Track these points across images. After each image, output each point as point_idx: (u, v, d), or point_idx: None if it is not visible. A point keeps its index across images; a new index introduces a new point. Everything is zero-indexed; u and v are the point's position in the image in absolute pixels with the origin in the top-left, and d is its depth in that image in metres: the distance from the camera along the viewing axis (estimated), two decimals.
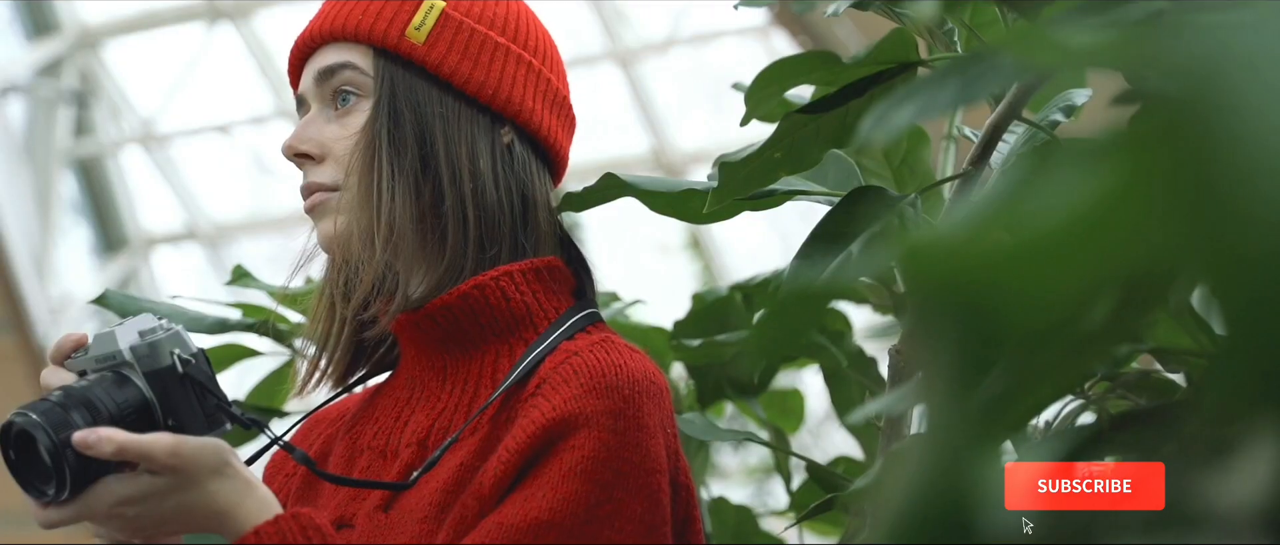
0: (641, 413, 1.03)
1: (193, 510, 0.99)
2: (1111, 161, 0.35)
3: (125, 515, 0.99)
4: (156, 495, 0.98)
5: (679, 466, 1.07)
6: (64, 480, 0.96)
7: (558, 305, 1.11)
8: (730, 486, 5.30)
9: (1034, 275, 0.33)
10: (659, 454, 1.03)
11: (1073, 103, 1.10)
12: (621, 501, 1.00)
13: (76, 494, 0.97)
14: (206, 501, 0.99)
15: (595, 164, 6.33)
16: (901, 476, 0.34)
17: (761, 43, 6.02)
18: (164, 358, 1.00)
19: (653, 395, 1.05)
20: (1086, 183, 0.34)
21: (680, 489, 1.07)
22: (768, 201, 1.12)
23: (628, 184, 1.17)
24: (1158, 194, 0.34)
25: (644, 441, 1.02)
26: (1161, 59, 0.42)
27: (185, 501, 0.99)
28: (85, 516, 0.99)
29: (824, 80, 1.04)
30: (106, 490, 0.98)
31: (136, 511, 0.99)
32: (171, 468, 0.98)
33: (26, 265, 6.32)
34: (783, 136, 1.03)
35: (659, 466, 1.03)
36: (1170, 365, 0.92)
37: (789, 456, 1.47)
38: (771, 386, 1.64)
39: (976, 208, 0.39)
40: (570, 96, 1.20)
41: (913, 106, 0.70)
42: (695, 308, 1.51)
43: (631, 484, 1.01)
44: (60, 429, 0.96)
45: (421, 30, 1.11)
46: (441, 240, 1.10)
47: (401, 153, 1.09)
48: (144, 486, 0.98)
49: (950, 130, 1.37)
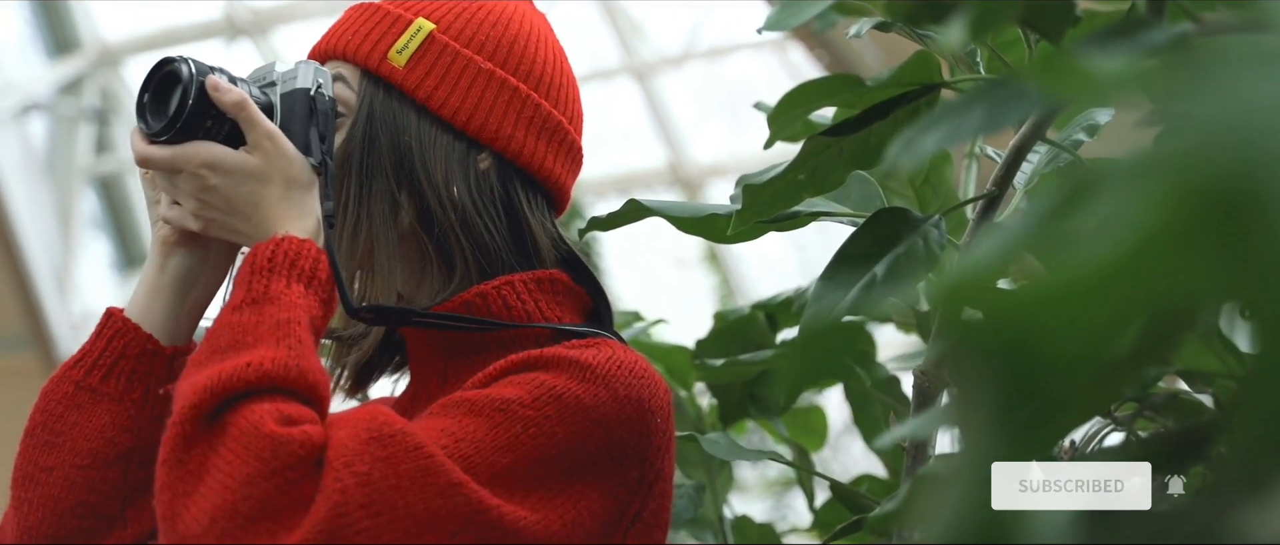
0: (636, 398, 1.01)
1: (260, 205, 1.05)
2: (1147, 189, 0.35)
3: (206, 182, 1.05)
4: (240, 172, 1.05)
5: (657, 483, 1.04)
6: (179, 118, 1.05)
7: (562, 316, 1.11)
8: (748, 501, 5.29)
9: (1072, 312, 0.33)
10: (630, 442, 1.01)
11: (1095, 122, 1.11)
12: (560, 437, 0.98)
13: (179, 140, 1.06)
14: (275, 201, 1.04)
15: (611, 177, 6.34)
16: (941, 505, 0.34)
17: (778, 57, 6.02)
18: (306, 79, 1.10)
19: (658, 401, 1.03)
20: (1124, 213, 0.34)
21: (651, 499, 1.04)
22: (792, 222, 1.12)
23: (652, 208, 1.17)
24: (1196, 220, 0.34)
25: (623, 416, 1.00)
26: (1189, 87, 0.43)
27: (259, 193, 1.04)
28: (176, 165, 1.05)
29: (847, 102, 1.05)
30: (203, 147, 1.05)
31: (217, 181, 1.05)
32: (265, 150, 1.05)
33: (48, 281, 6.35)
34: (806, 158, 1.03)
35: (625, 453, 1.01)
36: (1197, 386, 0.92)
37: (812, 476, 1.47)
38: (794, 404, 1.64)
39: (1007, 238, 0.40)
40: (576, 123, 1.18)
41: (939, 132, 0.70)
42: (717, 326, 1.51)
43: (584, 437, 0.98)
44: (204, 72, 1.07)
45: (403, 53, 1.12)
46: (445, 259, 1.11)
47: (371, 175, 1.10)
48: (233, 159, 1.05)
49: (972, 150, 1.37)
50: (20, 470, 1.06)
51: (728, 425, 1.55)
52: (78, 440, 1.04)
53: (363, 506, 0.89)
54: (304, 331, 0.97)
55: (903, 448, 1.09)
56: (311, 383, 0.95)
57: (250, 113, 1.06)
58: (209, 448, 0.91)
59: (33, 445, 1.05)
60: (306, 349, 0.96)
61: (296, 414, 0.92)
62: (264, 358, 0.93)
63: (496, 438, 0.96)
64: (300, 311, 0.98)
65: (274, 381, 0.93)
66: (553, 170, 1.15)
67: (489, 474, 0.94)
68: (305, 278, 1.00)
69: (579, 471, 0.98)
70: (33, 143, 6.71)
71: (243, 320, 0.97)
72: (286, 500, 0.88)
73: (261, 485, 0.88)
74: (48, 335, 6.30)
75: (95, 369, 1.07)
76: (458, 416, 0.97)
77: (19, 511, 1.05)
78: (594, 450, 0.99)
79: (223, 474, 0.89)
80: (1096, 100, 0.91)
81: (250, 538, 0.87)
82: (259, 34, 6.54)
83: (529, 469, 0.96)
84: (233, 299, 1.00)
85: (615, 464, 1.00)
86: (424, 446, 0.93)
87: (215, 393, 0.92)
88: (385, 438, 0.92)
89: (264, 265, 1.00)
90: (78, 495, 1.04)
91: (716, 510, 1.54)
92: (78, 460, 1.04)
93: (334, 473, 0.89)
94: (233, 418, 0.91)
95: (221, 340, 0.96)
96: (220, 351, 0.95)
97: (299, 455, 0.89)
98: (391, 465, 0.91)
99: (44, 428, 1.06)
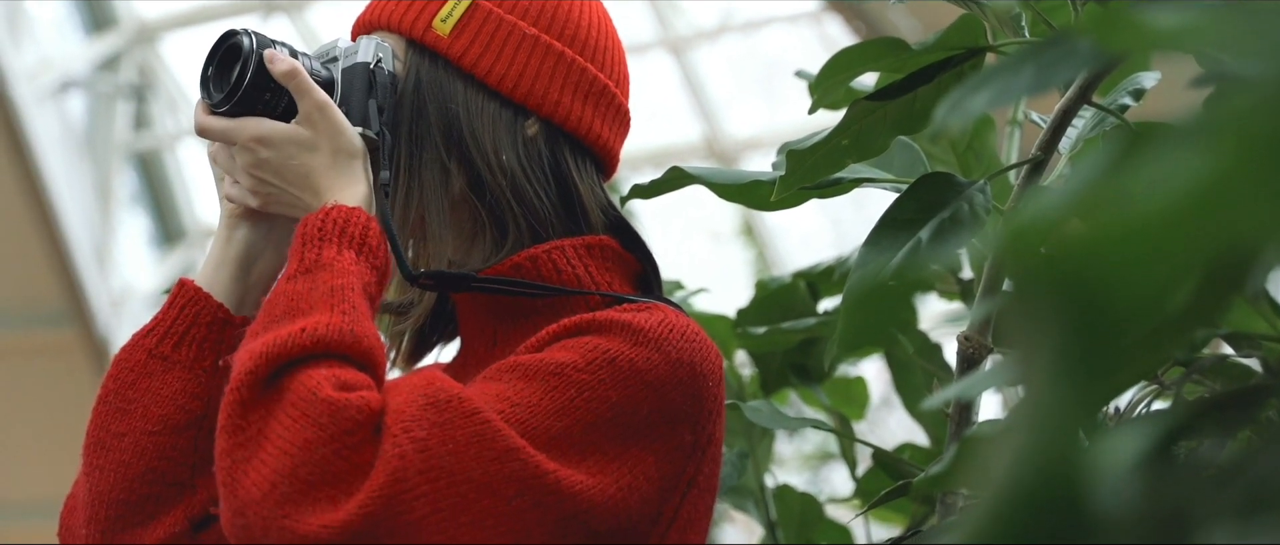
0: (689, 362, 1.01)
1: (310, 174, 1.06)
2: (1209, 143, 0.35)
3: (258, 155, 1.07)
4: (289, 143, 1.06)
5: (709, 448, 1.04)
6: (237, 89, 1.08)
7: (612, 282, 1.10)
8: (786, 473, 5.29)
9: (1138, 255, 0.33)
10: (683, 406, 1.00)
11: (1141, 86, 1.10)
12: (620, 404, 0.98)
13: (237, 112, 1.08)
14: (324, 171, 1.06)
15: (647, 152, 6.34)
16: (1004, 458, 0.34)
17: (814, 29, 6.00)
18: (367, 54, 1.11)
19: (710, 365, 1.03)
20: (1189, 164, 0.34)
21: (703, 470, 1.04)
22: (835, 189, 1.12)
23: (694, 175, 1.17)
24: (1258, 168, 0.34)
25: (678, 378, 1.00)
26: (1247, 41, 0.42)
27: (309, 163, 1.06)
28: (231, 136, 1.08)
29: (891, 67, 1.04)
30: (256, 121, 1.07)
31: (268, 154, 1.06)
32: (313, 120, 1.06)
33: (88, 257, 6.40)
34: (850, 124, 1.03)
35: (678, 416, 1.00)
36: (1243, 350, 0.91)
37: (854, 443, 1.47)
38: (835, 374, 1.64)
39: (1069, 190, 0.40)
40: (622, 85, 1.18)
41: (988, 93, 0.70)
42: (759, 295, 1.51)
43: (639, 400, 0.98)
44: (265, 45, 1.09)
45: (448, 21, 1.12)
46: (499, 225, 1.11)
47: (421, 144, 1.10)
48: (286, 132, 1.06)
49: (1015, 115, 1.37)
50: (92, 436, 1.06)
51: (769, 394, 1.55)
52: (149, 406, 1.05)
53: (422, 472, 0.89)
54: (357, 298, 0.97)
55: (946, 413, 1.09)
56: (366, 348, 0.95)
57: (301, 81, 1.07)
58: (267, 413, 0.91)
59: (105, 412, 1.06)
60: (361, 314, 0.97)
61: (353, 380, 0.93)
62: (319, 323, 0.94)
63: (551, 402, 0.96)
64: (353, 277, 0.98)
65: (329, 346, 0.93)
66: (601, 134, 1.15)
67: (545, 438, 0.94)
68: (356, 244, 1.01)
69: (634, 435, 0.98)
70: (71, 120, 6.75)
71: (296, 289, 0.97)
72: (345, 465, 0.89)
73: (320, 450, 0.88)
74: (88, 311, 6.35)
75: (168, 337, 1.08)
76: (512, 381, 0.97)
77: (90, 477, 1.06)
78: (647, 413, 0.99)
79: (281, 439, 0.89)
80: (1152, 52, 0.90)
81: (309, 503, 0.87)
82: (295, 9, 6.56)
83: (584, 433, 0.96)
84: (287, 270, 1.00)
85: (669, 428, 1.00)
86: (481, 411, 0.93)
87: (271, 359, 0.92)
88: (442, 403, 0.92)
89: (314, 234, 1.00)
90: (148, 461, 1.04)
91: (758, 479, 1.55)
92: (149, 426, 1.05)
93: (392, 439, 0.89)
94: (290, 383, 0.91)
95: (277, 309, 0.97)
96: (276, 320, 0.96)
97: (357, 420, 0.90)
98: (449, 430, 0.91)
99: (116, 394, 1.06)
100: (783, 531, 1.54)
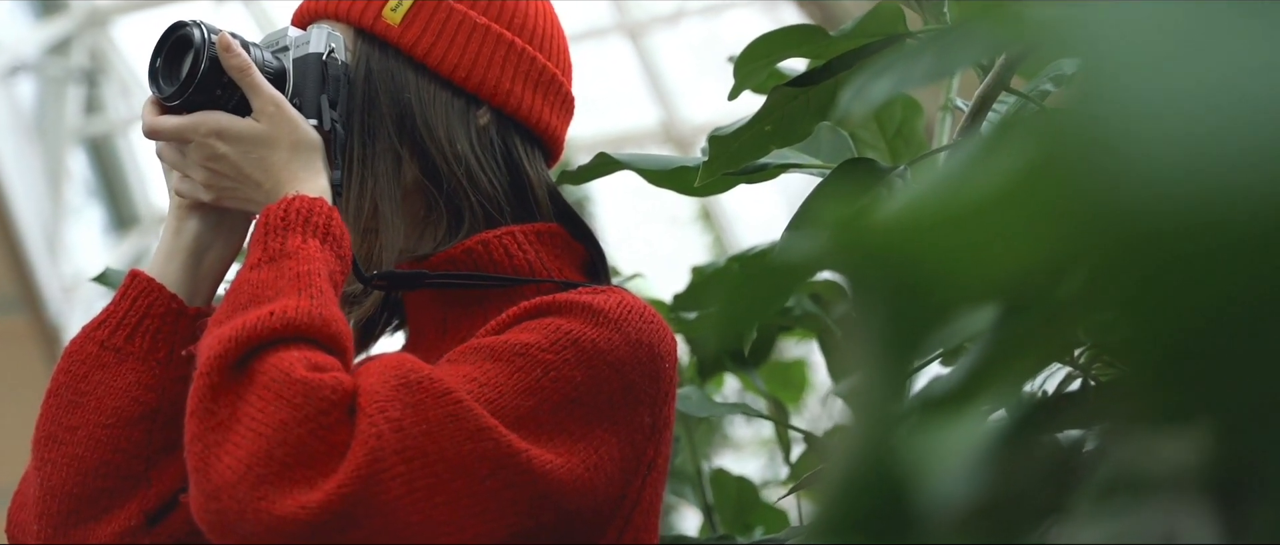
0: (648, 343, 1.02)
1: (269, 169, 1.05)
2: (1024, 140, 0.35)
3: (215, 150, 1.06)
4: (249, 140, 1.05)
5: (665, 431, 1.05)
6: (190, 83, 1.06)
7: (562, 269, 1.11)
8: (743, 458, 5.31)
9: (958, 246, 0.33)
10: (643, 387, 1.01)
11: (1063, 72, 1.10)
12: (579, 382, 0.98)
13: (191, 105, 1.07)
14: (283, 165, 1.05)
15: (606, 137, 6.33)
16: (837, 455, 0.35)
17: (769, 15, 6.01)
18: (319, 44, 1.10)
19: (666, 346, 1.04)
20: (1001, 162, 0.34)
21: (656, 453, 1.05)
22: (760, 174, 1.12)
23: (622, 161, 1.17)
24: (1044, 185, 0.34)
25: (637, 359, 1.00)
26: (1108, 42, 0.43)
27: (268, 158, 1.05)
28: (184, 135, 1.07)
29: (813, 53, 1.05)
30: (211, 116, 1.06)
31: (225, 149, 1.06)
32: (270, 115, 1.06)
33: (39, 244, 6.35)
34: (773, 109, 1.03)
35: (639, 398, 1.01)
36: None
37: (788, 429, 1.48)
38: (776, 357, 1.64)
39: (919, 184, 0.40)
40: (567, 73, 1.18)
41: (890, 79, 0.70)
42: (695, 280, 1.52)
43: (601, 380, 0.99)
44: (215, 32, 1.07)
45: (398, 11, 1.11)
46: (454, 213, 1.11)
47: (374, 135, 1.10)
48: (242, 127, 1.06)
49: (946, 102, 1.37)
50: (42, 430, 1.05)
51: (706, 379, 1.55)
52: (103, 399, 1.03)
53: (397, 452, 0.88)
54: (324, 283, 0.97)
55: None
56: (334, 332, 0.94)
57: (253, 78, 1.06)
58: (237, 397, 0.90)
59: (56, 405, 1.04)
60: (328, 299, 0.96)
61: (323, 362, 0.92)
62: (288, 307, 0.93)
63: (518, 382, 0.96)
64: (319, 264, 0.98)
65: (299, 330, 0.92)
66: (549, 123, 1.15)
67: (513, 417, 0.94)
68: (320, 233, 1.00)
69: (598, 416, 0.98)
70: (21, 104, 6.69)
71: (261, 277, 0.96)
72: (321, 446, 0.88)
73: (295, 430, 0.87)
74: (38, 298, 6.30)
75: (120, 328, 1.06)
76: (478, 361, 0.97)
77: (41, 471, 1.04)
78: (610, 394, 0.99)
79: (254, 421, 0.88)
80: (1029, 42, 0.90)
81: (286, 484, 0.86)
82: None
83: (551, 413, 0.96)
84: (249, 259, 0.99)
85: (630, 409, 1.00)
86: (453, 391, 0.93)
87: (240, 342, 0.91)
88: (414, 383, 0.92)
89: (278, 224, 0.99)
90: (102, 454, 1.03)
91: (695, 464, 1.55)
92: (102, 419, 1.03)
93: (368, 419, 0.89)
94: (260, 365, 0.90)
95: (242, 297, 0.96)
96: (241, 307, 0.95)
97: (332, 401, 0.89)
98: (422, 411, 0.91)
99: (68, 387, 1.05)
100: (719, 515, 1.54)
